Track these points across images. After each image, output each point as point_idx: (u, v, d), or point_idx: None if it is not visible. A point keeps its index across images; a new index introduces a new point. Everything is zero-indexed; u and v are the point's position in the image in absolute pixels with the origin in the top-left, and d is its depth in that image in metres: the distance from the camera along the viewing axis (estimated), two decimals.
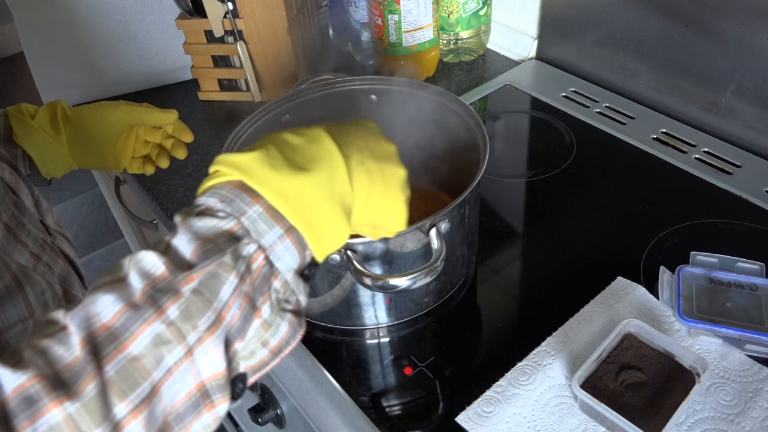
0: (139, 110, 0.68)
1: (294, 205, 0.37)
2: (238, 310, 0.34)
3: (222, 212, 0.36)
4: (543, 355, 0.60)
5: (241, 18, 0.93)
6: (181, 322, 0.32)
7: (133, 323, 0.31)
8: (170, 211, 0.84)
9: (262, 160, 0.38)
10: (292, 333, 0.38)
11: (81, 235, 1.81)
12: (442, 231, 0.56)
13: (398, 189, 0.45)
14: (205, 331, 0.33)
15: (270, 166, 0.37)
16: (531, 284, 0.69)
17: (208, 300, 0.33)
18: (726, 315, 0.59)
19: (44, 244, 0.55)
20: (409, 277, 0.51)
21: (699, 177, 0.79)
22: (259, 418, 0.70)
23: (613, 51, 0.93)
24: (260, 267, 0.36)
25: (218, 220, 0.35)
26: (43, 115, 0.65)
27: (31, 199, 0.58)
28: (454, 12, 1.02)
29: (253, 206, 0.36)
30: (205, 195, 0.37)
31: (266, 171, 0.37)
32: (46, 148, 0.65)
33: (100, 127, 0.67)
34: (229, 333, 0.34)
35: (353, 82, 0.73)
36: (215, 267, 0.34)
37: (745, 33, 0.77)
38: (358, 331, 0.66)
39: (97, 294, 0.32)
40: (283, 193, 0.37)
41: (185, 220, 0.36)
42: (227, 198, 0.36)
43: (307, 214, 0.38)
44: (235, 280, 0.34)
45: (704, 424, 0.54)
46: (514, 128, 0.94)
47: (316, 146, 0.40)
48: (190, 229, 0.35)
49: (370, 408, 0.58)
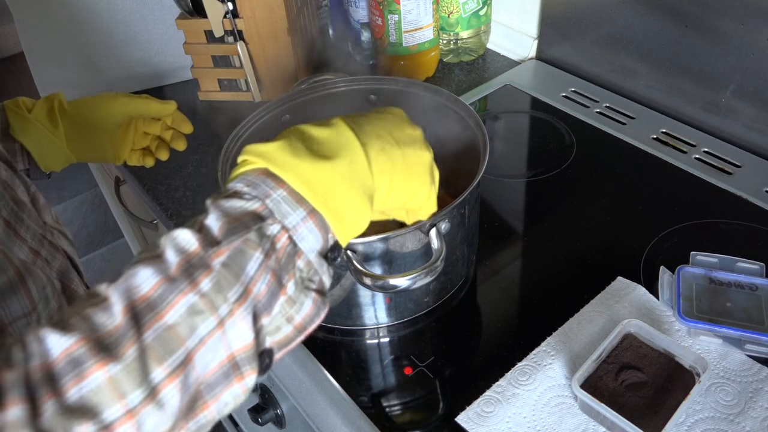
0: (138, 101, 0.68)
1: (315, 189, 0.39)
2: (265, 285, 0.36)
3: (248, 195, 0.38)
4: (543, 355, 0.60)
5: (241, 18, 0.93)
6: (213, 294, 0.34)
7: (170, 294, 0.33)
8: (170, 211, 0.84)
9: (285, 149, 0.40)
10: (316, 311, 0.39)
11: (81, 234, 1.81)
12: (442, 231, 0.56)
13: (423, 171, 0.46)
14: (234, 302, 0.34)
15: (292, 154, 0.40)
16: (531, 284, 0.69)
17: (236, 273, 0.35)
18: (726, 315, 0.59)
19: (43, 240, 0.55)
20: (409, 277, 0.51)
21: (699, 177, 0.79)
22: (259, 418, 0.70)
23: (613, 51, 0.93)
24: (284, 246, 0.37)
25: (244, 201, 0.38)
26: (41, 109, 0.65)
27: (27, 195, 0.57)
28: (454, 12, 1.02)
29: (276, 190, 0.38)
30: (233, 181, 0.40)
31: (289, 158, 0.39)
32: (43, 141, 0.65)
33: (99, 120, 0.67)
34: (257, 307, 0.36)
35: (353, 82, 0.73)
36: (241, 243, 0.36)
37: (745, 33, 0.77)
38: (358, 331, 0.66)
39: (138, 267, 0.34)
40: (305, 178, 0.39)
41: (215, 201, 0.38)
42: (253, 183, 0.39)
43: (329, 197, 0.40)
44: (261, 256, 0.36)
45: (704, 424, 0.54)
46: (514, 128, 0.94)
47: (336, 136, 0.42)
48: (219, 209, 0.37)
49: (370, 408, 0.58)
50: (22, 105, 0.65)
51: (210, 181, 0.88)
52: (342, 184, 0.40)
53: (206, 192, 0.86)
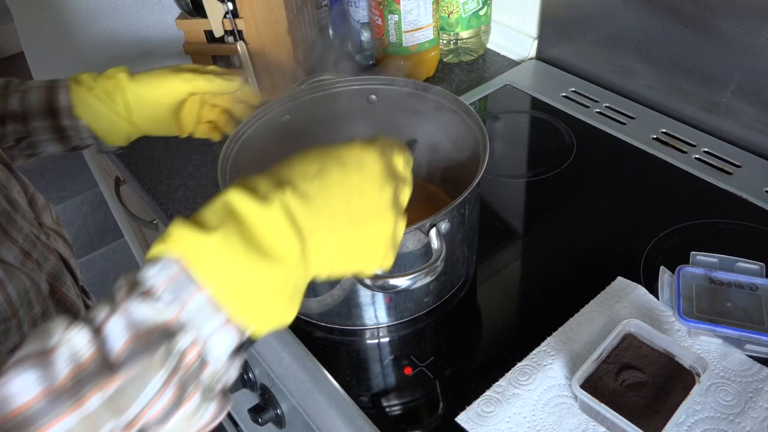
0: (200, 78, 0.67)
1: (241, 299, 0.36)
2: (165, 402, 0.33)
3: (164, 298, 0.34)
4: (543, 355, 0.60)
5: (241, 18, 0.93)
6: (99, 415, 0.31)
7: (49, 412, 0.30)
8: (170, 211, 0.85)
9: (219, 247, 0.35)
10: (218, 412, 0.37)
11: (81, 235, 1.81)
12: (442, 231, 0.56)
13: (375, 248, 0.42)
14: (124, 427, 0.32)
15: (225, 255, 0.35)
16: (531, 284, 0.69)
17: (132, 397, 0.32)
18: (726, 315, 0.59)
19: (36, 241, 0.54)
20: (409, 277, 0.51)
21: (699, 177, 0.79)
22: (259, 418, 0.70)
23: (613, 51, 0.93)
24: (193, 359, 0.34)
25: (156, 312, 0.34)
26: (102, 85, 0.65)
27: (24, 196, 0.57)
28: (454, 12, 1.02)
29: (198, 293, 0.35)
30: (154, 268, 0.35)
31: (220, 260, 0.35)
32: (104, 118, 0.65)
33: (161, 95, 0.66)
34: (147, 426, 0.33)
35: (353, 82, 0.73)
36: (142, 367, 0.32)
37: (745, 33, 0.77)
38: (358, 331, 0.66)
39: (21, 368, 0.31)
40: (232, 286, 0.35)
41: (127, 299, 0.34)
42: (174, 281, 0.35)
43: (254, 305, 0.36)
44: (163, 377, 0.33)
45: (704, 424, 0.54)
46: (514, 128, 0.94)
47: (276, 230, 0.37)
48: (128, 316, 0.34)
49: (370, 408, 0.58)
50: (84, 81, 0.65)
51: (210, 181, 0.88)
52: (272, 292, 0.37)
53: (206, 192, 0.86)
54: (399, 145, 0.46)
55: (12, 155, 0.67)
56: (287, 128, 0.72)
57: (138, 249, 1.54)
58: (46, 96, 0.64)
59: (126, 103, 0.65)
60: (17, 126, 0.65)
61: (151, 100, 0.66)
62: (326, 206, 0.39)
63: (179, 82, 0.66)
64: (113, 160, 0.96)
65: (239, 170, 0.65)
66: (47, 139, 0.66)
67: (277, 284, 0.37)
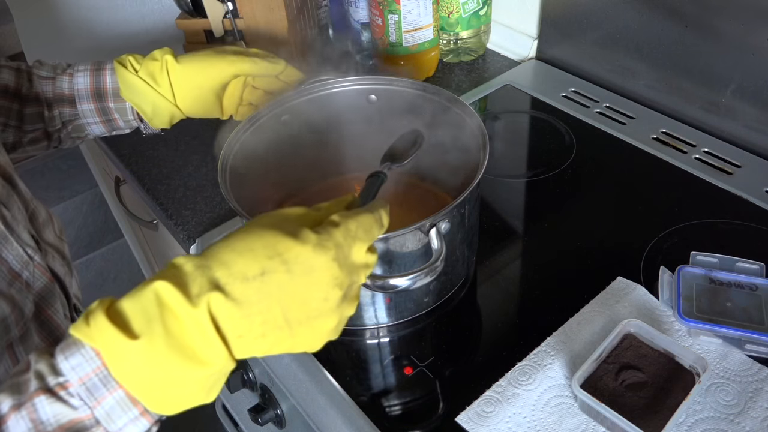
0: (244, 61, 0.67)
1: (161, 399, 0.35)
2: None
3: (77, 398, 0.34)
4: (543, 355, 0.60)
5: (241, 18, 0.93)
6: None
7: None
8: (170, 211, 0.84)
9: (141, 352, 0.34)
10: None
11: (81, 235, 1.81)
12: (442, 231, 0.56)
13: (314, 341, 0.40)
14: None
15: (147, 359, 0.34)
16: (531, 284, 0.69)
17: None
18: (726, 315, 0.59)
19: (29, 261, 0.53)
20: (409, 277, 0.51)
21: (699, 177, 0.79)
22: (259, 418, 0.69)
23: (613, 51, 0.93)
24: None
25: (68, 408, 0.33)
26: (147, 67, 0.66)
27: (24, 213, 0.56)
28: (454, 12, 1.02)
29: (115, 391, 0.34)
30: (71, 360, 0.34)
31: (141, 363, 0.34)
32: (148, 99, 0.66)
33: (206, 77, 0.66)
34: None
35: (353, 82, 0.73)
36: None
37: (745, 33, 0.77)
38: (358, 331, 0.66)
39: None
40: (151, 387, 0.35)
41: (36, 395, 0.33)
42: (89, 381, 0.34)
43: (175, 402, 0.36)
44: None
45: (704, 424, 0.54)
46: (514, 128, 0.94)
47: (202, 335, 0.35)
48: (34, 415, 0.33)
49: (370, 408, 0.58)
50: (130, 63, 0.66)
51: (210, 181, 0.88)
52: (191, 389, 0.36)
53: (206, 192, 0.86)
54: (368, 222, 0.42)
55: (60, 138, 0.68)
56: (287, 128, 0.72)
57: (138, 249, 1.54)
58: (92, 79, 0.65)
59: (171, 85, 0.66)
60: (64, 109, 0.66)
61: (196, 83, 0.66)
62: (260, 313, 0.37)
63: (224, 65, 0.66)
64: (113, 160, 0.96)
65: (239, 170, 0.65)
66: (94, 122, 0.67)
67: (197, 383, 0.36)
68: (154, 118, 0.68)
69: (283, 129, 0.72)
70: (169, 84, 0.66)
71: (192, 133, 0.96)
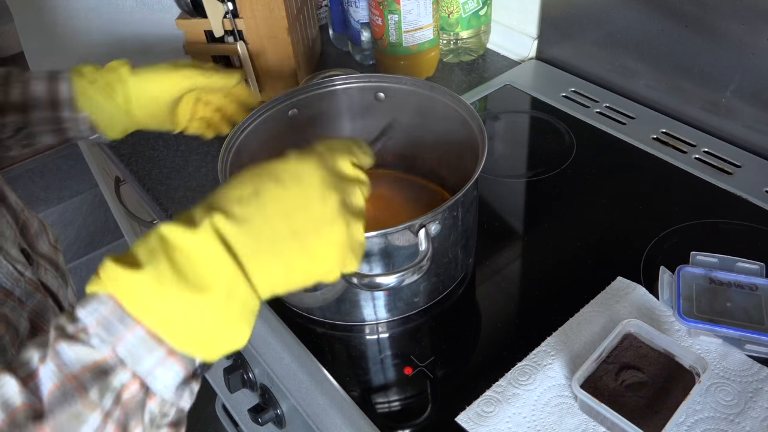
0: (200, 74, 0.68)
1: (179, 331, 0.35)
2: None
3: (96, 338, 0.33)
4: (543, 355, 0.60)
5: (241, 18, 0.93)
6: None
7: None
8: (170, 211, 0.84)
9: (148, 282, 0.34)
10: None
11: (81, 235, 1.81)
12: (431, 232, 0.56)
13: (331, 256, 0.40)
14: None
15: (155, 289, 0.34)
16: (531, 284, 0.69)
17: None
18: (726, 315, 0.59)
19: (20, 278, 0.53)
20: (395, 276, 0.51)
21: (699, 177, 0.79)
22: (259, 418, 0.70)
23: (613, 51, 0.93)
24: (133, 395, 0.34)
25: (89, 349, 0.33)
26: (103, 77, 0.66)
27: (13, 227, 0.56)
28: (454, 12, 1.02)
29: (134, 329, 0.34)
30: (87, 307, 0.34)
31: (150, 295, 0.34)
32: (103, 110, 0.66)
33: (160, 90, 0.67)
34: None
35: (360, 79, 0.74)
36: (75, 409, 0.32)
37: (745, 33, 0.77)
38: (358, 331, 0.66)
39: None
40: (168, 318, 0.34)
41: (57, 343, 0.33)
42: (106, 320, 0.34)
43: (196, 335, 0.35)
44: (98, 418, 0.32)
45: (704, 424, 0.54)
46: (514, 128, 0.94)
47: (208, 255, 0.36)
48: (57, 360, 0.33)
49: (370, 408, 0.58)
50: (86, 74, 0.66)
51: (210, 181, 0.88)
52: (214, 319, 0.35)
53: (206, 192, 0.86)
54: (343, 145, 0.44)
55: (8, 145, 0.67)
56: (293, 122, 0.73)
57: None
58: (47, 87, 0.65)
59: (126, 96, 0.66)
60: (17, 117, 0.65)
61: (151, 94, 0.67)
62: (266, 227, 0.37)
63: (179, 78, 0.67)
64: (113, 159, 0.96)
65: (242, 165, 0.65)
66: (46, 130, 0.67)
67: (215, 312, 0.35)
68: (108, 129, 0.68)
69: (290, 123, 0.72)
70: (125, 95, 0.66)
71: None
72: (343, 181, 0.42)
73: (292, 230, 0.38)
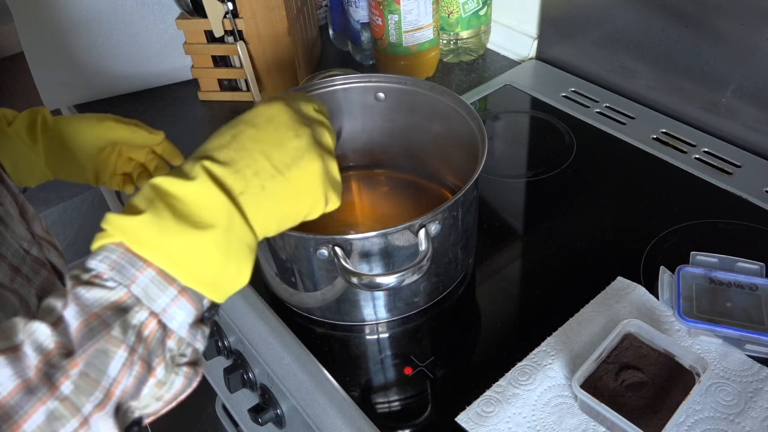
0: (123, 128, 0.66)
1: (186, 267, 0.37)
2: (132, 378, 0.35)
3: (111, 281, 0.36)
4: (543, 355, 0.60)
5: (241, 18, 0.93)
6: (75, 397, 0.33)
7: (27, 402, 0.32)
8: None
9: (151, 224, 0.37)
10: (187, 384, 0.38)
11: (81, 234, 1.81)
12: (431, 232, 0.56)
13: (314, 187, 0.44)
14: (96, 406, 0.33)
15: (159, 229, 0.37)
16: (531, 284, 0.69)
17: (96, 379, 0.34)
18: (726, 315, 0.59)
19: (26, 256, 0.53)
20: (395, 276, 0.51)
21: (699, 177, 0.79)
22: (259, 418, 0.69)
23: (613, 51, 0.93)
24: (153, 331, 0.36)
25: (106, 290, 0.35)
26: (21, 123, 0.63)
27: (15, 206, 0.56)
28: (454, 12, 1.02)
29: (144, 271, 0.36)
30: (97, 257, 0.37)
31: (154, 235, 0.37)
32: (20, 157, 0.63)
33: (80, 141, 0.65)
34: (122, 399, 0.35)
35: (361, 79, 0.74)
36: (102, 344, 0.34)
37: (745, 33, 0.77)
38: (358, 331, 0.66)
39: None
40: (174, 256, 0.37)
41: (74, 288, 0.35)
42: (117, 264, 0.36)
43: (201, 272, 0.37)
44: (125, 353, 0.34)
45: (704, 424, 0.54)
46: (514, 128, 0.94)
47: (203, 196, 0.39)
48: (78, 302, 0.35)
49: (370, 408, 0.58)
50: (2, 118, 0.63)
51: None
52: (216, 255, 0.38)
53: None
54: (304, 96, 0.49)
55: None
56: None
57: None
58: None
59: (45, 145, 0.64)
60: None
61: (69, 145, 0.65)
62: (249, 165, 0.41)
63: (101, 130, 0.65)
64: None
65: None
66: None
67: (216, 249, 0.38)
68: (21, 176, 0.65)
69: None
70: (43, 144, 0.64)
71: (192, 134, 0.96)
72: (309, 119, 0.45)
73: (273, 166, 0.42)
